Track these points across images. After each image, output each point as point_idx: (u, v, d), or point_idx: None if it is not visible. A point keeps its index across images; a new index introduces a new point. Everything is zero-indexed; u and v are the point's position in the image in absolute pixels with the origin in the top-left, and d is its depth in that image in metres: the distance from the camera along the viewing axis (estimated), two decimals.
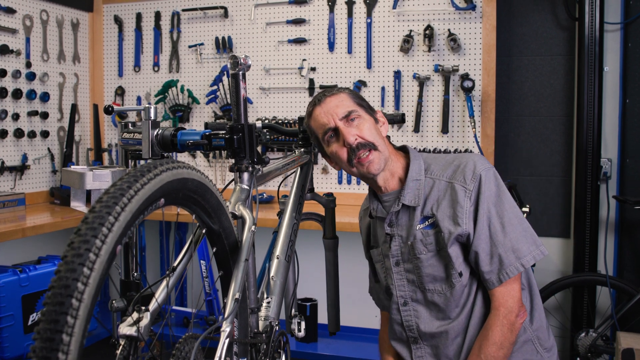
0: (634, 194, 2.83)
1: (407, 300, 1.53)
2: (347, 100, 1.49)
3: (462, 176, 1.45)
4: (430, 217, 1.46)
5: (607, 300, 2.87)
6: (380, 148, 1.47)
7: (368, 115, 1.50)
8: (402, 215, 1.51)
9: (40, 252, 3.16)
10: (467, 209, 1.42)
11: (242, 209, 1.17)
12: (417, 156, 1.54)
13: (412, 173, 1.50)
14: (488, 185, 1.43)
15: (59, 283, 0.67)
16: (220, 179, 3.46)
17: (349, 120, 1.47)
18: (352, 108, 1.47)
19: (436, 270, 1.47)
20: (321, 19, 3.22)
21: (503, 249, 1.40)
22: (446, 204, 1.45)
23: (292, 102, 3.30)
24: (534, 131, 3.05)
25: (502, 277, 1.40)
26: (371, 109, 1.53)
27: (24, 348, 2.74)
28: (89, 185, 1.50)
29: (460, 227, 1.41)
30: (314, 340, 3.21)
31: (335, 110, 1.47)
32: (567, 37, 2.97)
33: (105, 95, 3.67)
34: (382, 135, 1.50)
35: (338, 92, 1.51)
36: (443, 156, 1.55)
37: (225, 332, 0.98)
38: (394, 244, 1.53)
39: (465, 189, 1.43)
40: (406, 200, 1.48)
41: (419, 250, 1.47)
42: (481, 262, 1.42)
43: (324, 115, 1.48)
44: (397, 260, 1.53)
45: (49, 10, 3.32)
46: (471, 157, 1.49)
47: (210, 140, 1.22)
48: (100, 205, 0.75)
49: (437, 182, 1.48)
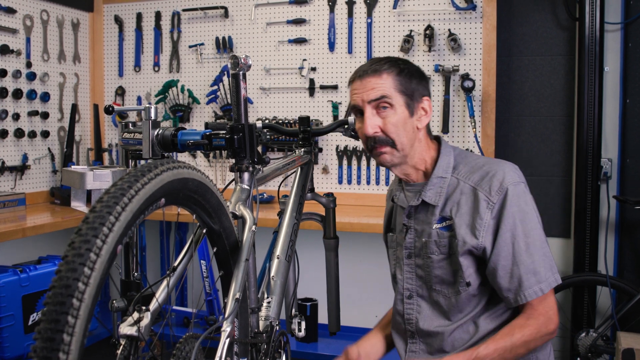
0: (634, 194, 2.82)
1: (412, 294, 1.51)
2: (388, 83, 1.39)
3: (488, 186, 1.38)
4: (448, 218, 1.42)
5: (607, 300, 2.87)
6: (400, 146, 1.40)
7: (403, 107, 1.40)
8: (421, 210, 1.47)
9: (40, 252, 3.16)
10: (487, 222, 1.36)
11: (243, 208, 1.17)
12: (449, 152, 1.47)
13: (438, 169, 1.45)
14: (515, 201, 1.36)
15: (59, 283, 0.67)
16: (220, 179, 3.46)
17: (379, 107, 1.39)
18: (387, 94, 1.38)
19: (445, 273, 1.44)
20: (321, 19, 3.22)
21: (524, 269, 1.35)
22: (466, 211, 1.39)
23: (293, 102, 3.31)
24: (534, 131, 3.05)
25: (520, 298, 1.35)
26: (417, 97, 1.42)
27: (25, 348, 2.74)
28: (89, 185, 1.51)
29: (476, 240, 1.37)
30: (314, 340, 3.21)
31: (368, 92, 1.39)
32: (568, 37, 2.97)
33: (106, 95, 3.67)
34: (410, 131, 1.41)
35: (382, 72, 1.39)
36: (475, 157, 1.48)
37: (226, 332, 0.98)
38: (409, 236, 1.50)
39: (488, 201, 1.37)
40: (427, 197, 1.44)
41: (432, 250, 1.44)
42: (500, 279, 1.37)
43: (357, 92, 1.42)
44: (409, 253, 1.50)
45: (49, 10, 3.32)
46: (502, 166, 1.41)
47: (211, 140, 1.22)
48: (101, 205, 0.75)
49: (461, 184, 1.42)
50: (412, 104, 1.41)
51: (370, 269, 3.13)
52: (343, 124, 1.97)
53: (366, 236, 2.91)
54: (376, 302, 1.75)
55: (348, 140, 3.20)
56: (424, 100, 1.44)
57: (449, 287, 1.44)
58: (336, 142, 3.23)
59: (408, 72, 1.42)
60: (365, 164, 3.19)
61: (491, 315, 1.44)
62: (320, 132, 1.99)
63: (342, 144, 3.22)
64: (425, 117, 1.44)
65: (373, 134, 1.39)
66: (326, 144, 3.26)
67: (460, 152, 1.50)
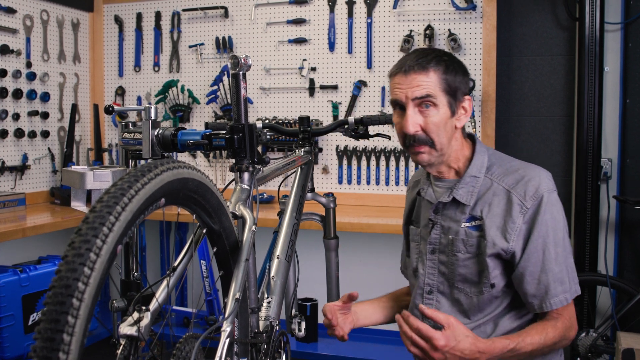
0: (634, 194, 2.82)
1: (432, 290, 1.49)
2: (434, 82, 1.35)
3: (523, 190, 1.37)
4: (478, 218, 1.40)
5: (607, 300, 2.87)
6: (439, 146, 1.38)
7: (446, 107, 1.37)
8: (450, 207, 1.45)
9: (40, 252, 3.16)
10: (519, 227, 1.35)
11: (243, 208, 1.17)
12: (483, 151, 1.46)
13: (472, 168, 1.42)
14: (549, 209, 1.35)
15: (59, 283, 0.67)
16: (220, 179, 3.46)
17: (422, 105, 1.36)
18: (432, 93, 1.34)
19: (469, 272, 1.42)
20: (321, 19, 3.22)
21: (553, 277, 1.34)
22: (498, 212, 1.38)
23: (293, 102, 3.31)
24: (534, 131, 3.05)
25: (545, 306, 1.35)
26: (459, 96, 1.39)
27: (25, 348, 2.74)
28: (89, 185, 1.51)
29: (506, 243, 1.35)
30: (314, 340, 3.21)
31: (413, 89, 1.35)
32: (568, 37, 2.97)
33: (106, 95, 3.67)
34: (449, 131, 1.39)
35: (429, 69, 1.35)
36: (509, 159, 1.47)
37: (226, 332, 0.98)
38: (434, 231, 1.47)
39: (521, 205, 1.35)
40: (458, 195, 1.42)
41: (458, 248, 1.42)
42: (526, 285, 1.36)
43: (400, 88, 1.37)
44: (433, 249, 1.48)
45: (49, 10, 3.32)
46: (538, 172, 1.40)
47: (211, 140, 1.22)
48: (101, 205, 0.75)
49: (494, 185, 1.40)
50: (454, 104, 1.38)
51: (371, 269, 3.13)
52: (343, 124, 1.98)
53: (366, 236, 2.91)
54: None
55: (348, 140, 3.20)
56: (465, 99, 1.41)
57: (472, 286, 1.42)
58: (336, 142, 3.23)
59: (453, 70, 1.38)
60: (365, 164, 3.20)
61: (511, 318, 1.43)
62: (320, 132, 2.00)
63: (342, 144, 3.22)
64: (465, 117, 1.42)
65: (414, 133, 1.36)
66: (326, 144, 3.26)
67: (495, 153, 1.49)
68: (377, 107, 3.15)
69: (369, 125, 1.97)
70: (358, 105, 3.19)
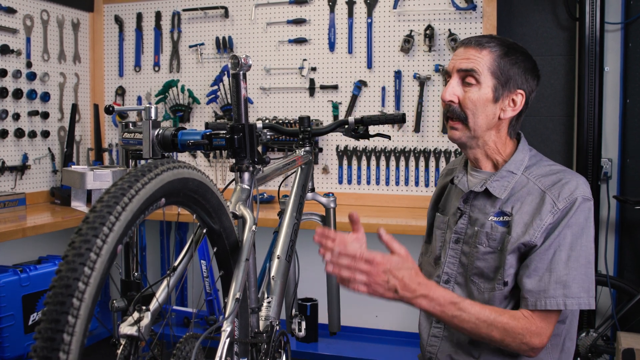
0: (634, 194, 2.82)
1: (450, 279, 1.46)
2: (485, 60, 1.35)
3: (558, 191, 1.35)
4: (507, 214, 1.38)
5: (607, 300, 2.87)
6: (472, 125, 1.36)
7: (490, 89, 1.35)
8: (481, 198, 1.43)
9: (40, 252, 3.17)
10: (545, 224, 1.33)
11: (243, 208, 1.17)
12: (525, 150, 1.44)
13: (510, 164, 1.40)
14: (578, 214, 1.33)
15: (59, 283, 0.67)
16: (220, 179, 3.46)
17: (466, 79, 1.36)
18: (478, 69, 1.34)
19: (486, 267, 1.40)
20: (322, 19, 3.22)
21: (555, 278, 1.31)
22: (528, 210, 1.36)
23: (293, 102, 3.31)
24: (534, 131, 3.05)
25: (539, 304, 1.30)
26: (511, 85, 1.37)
27: (25, 348, 2.74)
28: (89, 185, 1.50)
29: (528, 237, 1.32)
30: (315, 340, 3.21)
31: (462, 60, 1.36)
32: (568, 37, 2.97)
33: (106, 95, 3.67)
34: (490, 115, 1.37)
35: (485, 47, 1.36)
36: (549, 163, 1.45)
37: (226, 332, 0.98)
38: (461, 221, 1.46)
39: (553, 204, 1.33)
40: (492, 187, 1.40)
41: (480, 240, 1.40)
42: (526, 278, 1.33)
43: (454, 58, 1.39)
44: (457, 238, 1.46)
45: (49, 10, 3.32)
46: (577, 178, 1.38)
47: (211, 140, 1.22)
48: (101, 205, 0.75)
49: (530, 184, 1.38)
50: (501, 91, 1.36)
51: None
52: (343, 124, 1.98)
53: (367, 236, 2.91)
54: (376, 302, 1.74)
55: (348, 140, 3.20)
56: (517, 93, 1.38)
57: (486, 281, 1.40)
58: (336, 142, 3.23)
59: (514, 58, 1.36)
60: (365, 164, 3.20)
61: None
62: (320, 132, 1.99)
63: (342, 144, 3.22)
64: (511, 110, 1.39)
65: (449, 101, 1.37)
66: (326, 144, 3.26)
67: (537, 154, 1.47)
68: (377, 107, 3.15)
69: (369, 125, 1.97)
70: (358, 105, 3.19)
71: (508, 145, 1.44)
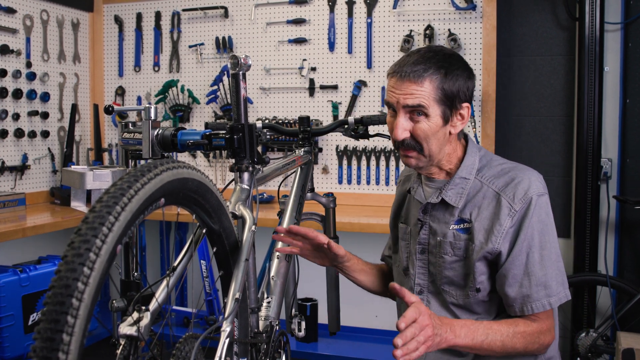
0: (634, 194, 2.82)
1: (423, 289, 1.47)
2: (428, 92, 1.31)
3: (512, 192, 1.35)
4: (467, 221, 1.39)
5: (607, 300, 2.87)
6: (427, 153, 1.36)
7: (439, 117, 1.33)
8: (439, 208, 1.43)
9: (40, 252, 3.16)
10: (506, 229, 1.33)
11: (243, 208, 1.17)
12: (474, 152, 1.44)
13: (462, 170, 1.41)
14: (537, 212, 1.34)
15: (59, 283, 0.67)
16: (220, 179, 3.46)
17: (414, 112, 1.33)
18: (424, 103, 1.31)
19: (455, 276, 1.41)
20: (321, 19, 3.22)
21: (535, 281, 1.32)
22: (486, 216, 1.36)
23: (293, 102, 3.31)
24: (534, 131, 3.05)
25: (527, 309, 1.33)
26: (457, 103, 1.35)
27: (25, 348, 2.74)
28: (89, 185, 1.51)
29: (492, 245, 1.33)
30: (314, 340, 3.21)
31: (406, 96, 1.32)
32: (568, 37, 2.97)
33: (106, 95, 3.67)
34: (441, 138, 1.36)
35: (425, 78, 1.31)
36: (500, 161, 1.45)
37: (226, 332, 0.98)
38: (423, 231, 1.46)
39: (510, 207, 1.34)
40: (447, 196, 1.40)
41: (445, 250, 1.41)
42: (508, 287, 1.34)
43: (393, 92, 1.35)
44: (422, 249, 1.46)
45: (49, 10, 3.32)
46: (528, 174, 1.38)
47: (211, 140, 1.22)
48: (101, 205, 0.75)
49: (484, 188, 1.39)
50: (450, 112, 1.35)
51: None
52: (343, 124, 1.97)
53: (366, 236, 2.90)
54: (376, 302, 1.75)
55: (348, 140, 3.20)
56: (463, 107, 1.37)
57: (457, 289, 1.41)
58: (336, 142, 3.23)
59: (454, 77, 1.33)
60: (365, 164, 3.20)
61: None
62: (320, 132, 1.99)
63: (342, 144, 3.22)
64: (461, 124, 1.39)
65: (402, 137, 1.35)
66: (326, 144, 3.26)
67: (486, 154, 1.46)
68: (377, 107, 3.15)
69: (369, 125, 1.97)
70: (358, 105, 3.19)
71: (459, 148, 1.44)
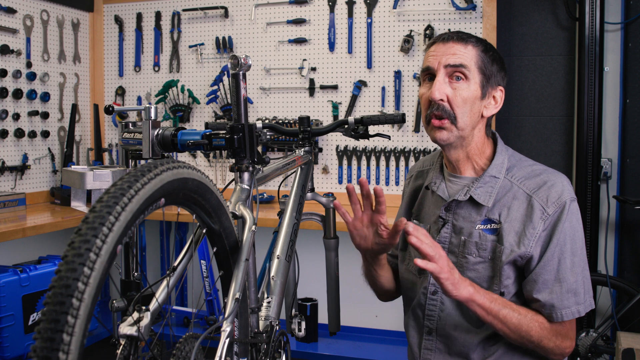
0: (634, 194, 2.83)
1: (437, 290, 1.41)
2: (471, 55, 1.30)
3: (545, 195, 1.31)
4: (495, 222, 1.33)
5: (607, 300, 2.87)
6: (460, 124, 1.30)
7: (478, 85, 1.30)
8: (465, 206, 1.37)
9: (40, 252, 3.17)
10: (539, 232, 1.29)
11: (243, 208, 1.17)
12: (504, 151, 1.39)
13: (492, 168, 1.35)
14: (570, 217, 1.30)
15: (59, 283, 0.67)
16: (220, 179, 3.46)
17: (453, 75, 1.29)
18: (467, 64, 1.29)
19: (479, 277, 1.35)
20: (321, 19, 3.22)
21: (566, 287, 1.29)
22: (517, 217, 1.31)
23: (293, 102, 3.31)
24: (534, 131, 3.05)
25: (556, 316, 1.29)
26: (493, 82, 1.33)
27: (25, 348, 2.74)
28: (89, 185, 1.50)
29: (524, 249, 1.29)
30: (314, 340, 3.21)
31: (449, 56, 1.29)
32: (568, 37, 2.97)
33: (106, 95, 3.67)
34: (476, 113, 1.32)
35: (469, 42, 1.31)
36: (529, 162, 1.40)
37: (226, 332, 0.98)
38: (445, 230, 1.40)
39: (543, 210, 1.30)
40: (476, 195, 1.34)
41: (470, 251, 1.35)
42: (537, 293, 1.30)
43: (435, 54, 1.31)
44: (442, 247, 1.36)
45: (49, 10, 3.32)
46: (560, 178, 1.34)
47: (211, 140, 1.21)
48: (101, 205, 0.75)
49: (514, 188, 1.34)
50: (487, 87, 1.32)
51: None
52: (343, 124, 1.97)
53: None
54: (376, 302, 1.74)
55: (348, 140, 3.20)
56: (498, 89, 1.35)
57: None
58: (336, 142, 3.23)
59: (492, 55, 1.33)
60: (365, 164, 3.20)
61: None
62: (320, 132, 1.99)
63: (342, 144, 3.22)
64: (494, 107, 1.36)
65: (439, 100, 1.29)
66: (326, 144, 3.26)
67: (514, 154, 1.42)
68: (377, 107, 3.15)
69: (369, 125, 1.96)
70: (358, 105, 3.19)
71: (487, 146, 1.40)
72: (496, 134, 1.43)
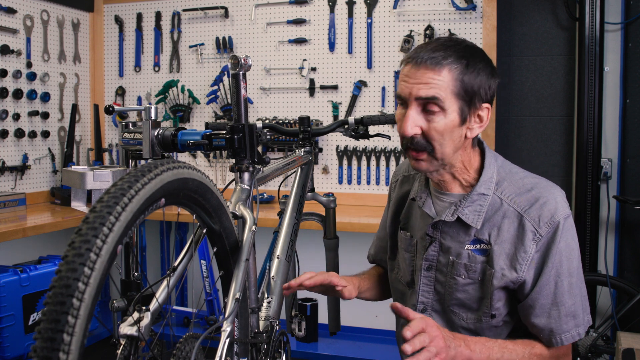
0: (634, 194, 2.83)
1: (426, 307, 1.37)
2: (446, 83, 1.16)
3: (537, 215, 1.22)
4: (485, 242, 1.26)
5: (607, 300, 2.87)
6: (439, 155, 1.21)
7: (456, 114, 1.18)
8: (453, 225, 1.29)
9: (40, 252, 3.17)
10: (531, 255, 1.22)
11: (243, 208, 1.17)
12: (493, 163, 1.29)
13: (481, 185, 1.26)
14: (565, 236, 1.22)
15: (59, 283, 0.67)
16: (220, 179, 3.46)
17: (427, 106, 1.17)
18: (440, 96, 1.16)
19: (468, 298, 1.30)
20: (322, 19, 3.22)
21: (565, 311, 1.23)
22: (508, 238, 1.24)
23: (293, 102, 3.31)
24: (534, 131, 3.05)
25: (555, 341, 1.24)
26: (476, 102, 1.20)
27: (25, 348, 2.74)
28: (89, 185, 1.51)
29: (516, 274, 1.23)
30: (315, 340, 3.21)
31: (420, 86, 1.16)
32: (568, 37, 2.97)
33: (106, 95, 3.67)
34: (456, 139, 1.21)
35: (444, 67, 1.16)
36: (521, 175, 1.30)
37: (226, 332, 0.98)
38: (432, 248, 1.33)
39: (535, 232, 1.22)
40: (464, 215, 1.26)
41: (459, 272, 1.29)
42: (535, 318, 1.25)
43: (406, 81, 1.19)
44: (429, 265, 1.34)
45: (49, 10, 3.32)
46: (553, 192, 1.25)
47: (211, 140, 1.21)
48: (101, 205, 0.75)
49: (504, 206, 1.25)
50: (468, 111, 1.20)
51: None
52: (343, 124, 1.98)
53: (366, 236, 2.90)
54: (376, 302, 1.74)
55: (348, 140, 3.20)
56: (483, 108, 1.22)
57: (469, 312, 1.31)
58: (336, 142, 3.23)
59: (475, 69, 1.18)
60: (365, 164, 3.20)
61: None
62: (320, 132, 2.00)
63: (342, 144, 3.22)
64: (479, 127, 1.24)
65: (412, 135, 1.19)
66: (326, 144, 3.26)
67: (504, 165, 1.32)
68: (377, 107, 3.15)
69: (369, 125, 1.97)
70: (358, 105, 3.19)
71: (474, 157, 1.30)
72: (483, 143, 1.33)
